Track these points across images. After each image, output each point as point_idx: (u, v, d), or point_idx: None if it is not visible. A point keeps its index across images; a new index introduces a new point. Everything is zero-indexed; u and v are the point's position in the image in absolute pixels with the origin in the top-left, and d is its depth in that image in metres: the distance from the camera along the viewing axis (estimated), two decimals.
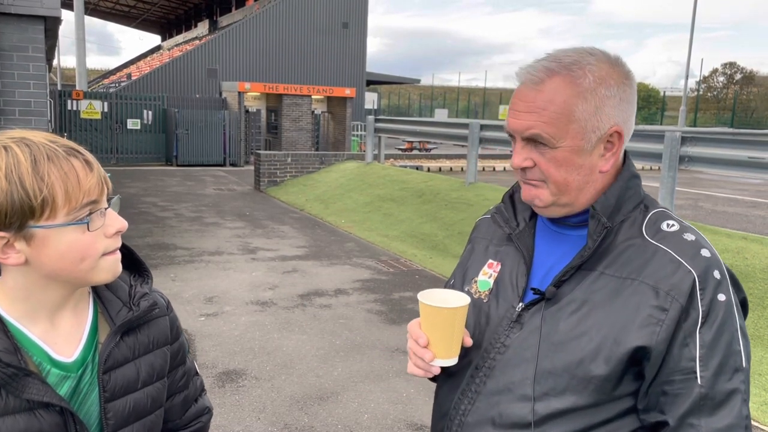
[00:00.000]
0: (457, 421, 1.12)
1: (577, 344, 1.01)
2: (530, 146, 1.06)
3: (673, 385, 0.98)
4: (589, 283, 1.04)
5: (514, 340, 1.08)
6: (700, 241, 1.04)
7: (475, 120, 11.02)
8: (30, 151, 0.91)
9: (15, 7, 5.61)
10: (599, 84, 1.03)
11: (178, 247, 7.58)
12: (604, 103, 1.03)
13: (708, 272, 1.00)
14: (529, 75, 1.05)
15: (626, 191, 1.09)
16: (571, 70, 1.03)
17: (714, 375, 0.97)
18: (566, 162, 1.04)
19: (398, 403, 3.81)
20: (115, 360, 1.02)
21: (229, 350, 4.50)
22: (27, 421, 0.91)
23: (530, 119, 1.03)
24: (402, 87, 53.85)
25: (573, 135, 1.03)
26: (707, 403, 0.97)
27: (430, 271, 6.87)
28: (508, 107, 1.10)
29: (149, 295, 1.09)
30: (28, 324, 0.96)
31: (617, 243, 1.06)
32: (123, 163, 17.66)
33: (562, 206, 1.09)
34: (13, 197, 0.88)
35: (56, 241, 0.92)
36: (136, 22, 58.47)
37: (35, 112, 5.85)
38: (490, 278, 1.17)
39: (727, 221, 10.78)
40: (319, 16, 31.04)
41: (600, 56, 1.06)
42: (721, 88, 72.10)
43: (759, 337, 4.60)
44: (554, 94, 1.02)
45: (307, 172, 13.29)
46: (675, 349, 0.98)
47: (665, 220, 1.08)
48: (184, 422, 1.22)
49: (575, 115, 1.02)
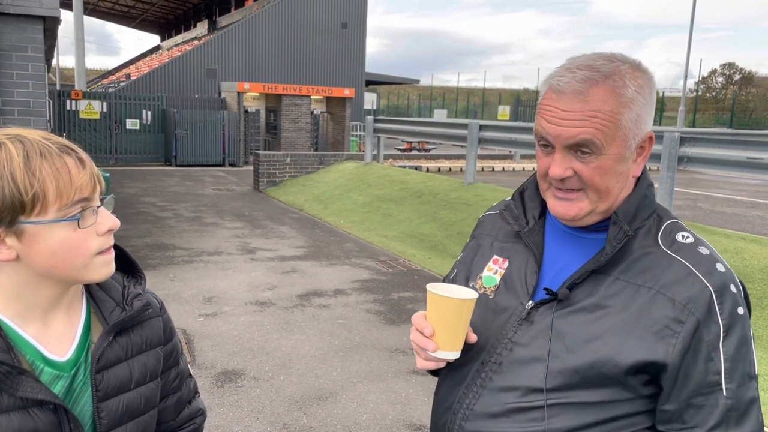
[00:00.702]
0: (461, 415, 1.12)
1: (590, 348, 1.02)
2: (571, 155, 1.05)
3: (699, 398, 1.00)
4: (603, 288, 1.05)
5: (522, 337, 1.08)
6: (714, 255, 1.06)
7: (474, 120, 11.02)
8: (23, 147, 0.91)
9: (14, 7, 5.60)
10: (638, 93, 1.04)
11: (177, 247, 7.58)
12: (643, 111, 1.06)
13: (725, 287, 1.02)
14: (569, 84, 1.03)
15: (644, 199, 1.11)
16: (613, 80, 1.03)
17: (738, 386, 1.00)
18: (610, 170, 1.05)
19: (397, 404, 3.81)
20: (108, 359, 1.03)
21: (228, 350, 4.50)
22: (21, 419, 0.91)
23: (580, 125, 1.02)
24: (401, 87, 53.85)
25: (619, 143, 1.04)
26: (733, 414, 0.99)
27: (429, 272, 6.87)
28: (541, 114, 1.07)
29: (142, 296, 1.09)
30: (21, 323, 0.96)
31: (633, 250, 1.07)
32: (122, 164, 17.65)
33: (599, 214, 1.09)
34: (4, 192, 0.89)
35: (47, 238, 0.92)
36: (135, 22, 58.44)
37: (34, 112, 5.84)
38: (495, 274, 1.17)
39: (725, 222, 10.79)
40: (318, 17, 31.03)
41: (631, 64, 1.06)
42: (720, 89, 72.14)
43: (758, 338, 4.62)
44: (602, 103, 1.02)
45: (306, 173, 13.29)
46: (700, 365, 0.99)
47: (680, 231, 1.10)
48: (178, 424, 1.22)
49: (622, 123, 1.03)
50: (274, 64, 30.31)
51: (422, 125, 12.50)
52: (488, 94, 54.14)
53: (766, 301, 4.97)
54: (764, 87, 65.70)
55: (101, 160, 17.22)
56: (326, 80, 30.31)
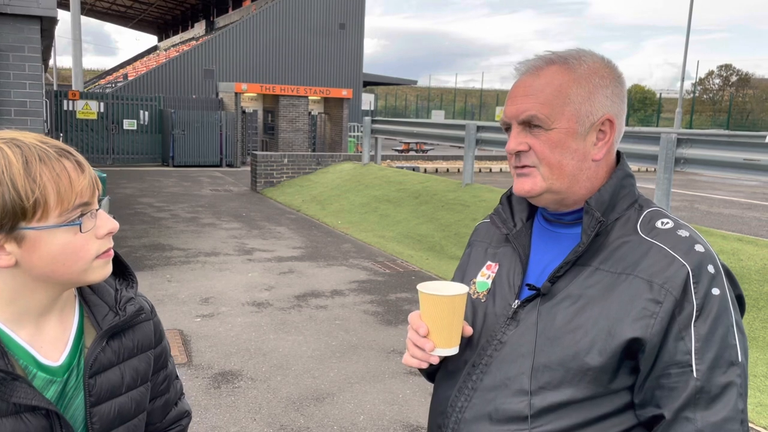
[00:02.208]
0: (454, 418, 1.12)
1: (572, 338, 1.03)
2: (526, 130, 1.09)
3: (669, 378, 0.99)
4: (584, 278, 1.06)
5: (510, 336, 1.09)
6: (694, 237, 1.05)
7: (472, 121, 11.03)
8: (21, 152, 0.90)
9: (11, 7, 5.59)
10: (593, 73, 1.09)
11: (174, 247, 7.57)
12: (597, 90, 1.08)
13: (702, 266, 1.01)
14: (527, 65, 1.11)
15: (620, 189, 1.11)
16: (567, 60, 1.09)
17: (709, 368, 0.97)
18: (560, 144, 1.07)
19: (394, 404, 3.81)
20: (101, 364, 1.02)
21: (225, 351, 4.50)
22: (13, 424, 0.91)
23: (527, 102, 1.08)
24: (399, 88, 53.91)
25: (568, 117, 1.07)
26: (703, 396, 0.97)
27: (426, 272, 6.87)
28: (506, 100, 1.15)
29: (135, 300, 1.09)
30: (15, 327, 0.96)
31: (612, 240, 1.08)
32: (119, 164, 17.64)
33: (554, 193, 1.10)
34: (4, 198, 0.88)
35: (48, 243, 0.92)
36: (133, 23, 58.39)
37: (31, 113, 5.83)
38: (488, 279, 1.19)
39: (722, 223, 10.81)
40: (316, 17, 31.04)
41: (594, 54, 1.13)
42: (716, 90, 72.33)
43: (754, 339, 4.62)
44: (551, 78, 1.08)
45: (303, 173, 13.29)
46: (670, 343, 0.98)
47: (660, 218, 1.09)
48: (165, 425, 1.22)
49: (570, 98, 1.07)
50: (272, 64, 30.31)
51: (420, 126, 12.51)
52: (486, 96, 54.21)
53: (763, 302, 4.98)
54: (761, 89, 65.88)
55: (98, 161, 17.20)
56: (324, 81, 30.32)
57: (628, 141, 7.56)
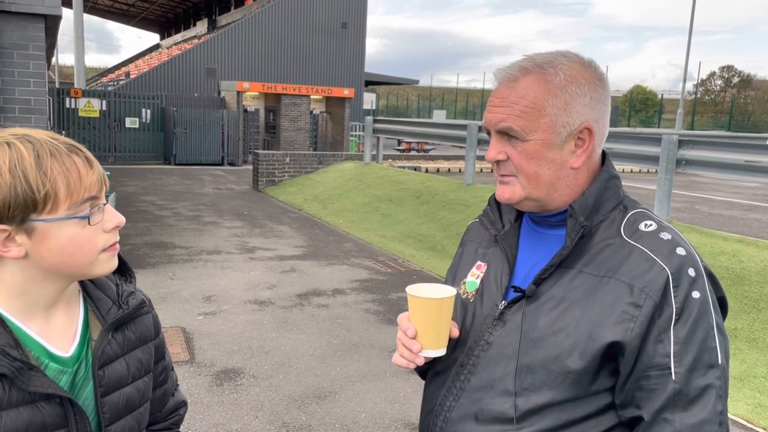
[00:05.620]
0: (442, 417, 1.14)
1: (554, 340, 1.04)
2: (504, 140, 1.10)
3: (649, 380, 1.00)
4: (567, 281, 1.07)
5: (497, 337, 1.11)
6: (676, 240, 1.06)
7: (473, 121, 11.04)
8: (33, 147, 0.94)
9: (16, 5, 5.62)
10: (569, 82, 1.07)
11: (176, 246, 7.59)
12: (574, 99, 1.07)
13: (682, 270, 1.02)
14: (504, 74, 1.10)
15: (605, 192, 1.12)
16: (543, 69, 1.08)
17: (688, 371, 0.99)
18: (537, 155, 1.07)
19: (395, 403, 3.83)
20: (108, 356, 1.06)
21: (227, 349, 4.52)
22: (30, 413, 0.94)
23: (503, 113, 1.08)
24: (400, 88, 53.88)
25: (543, 129, 1.07)
26: (681, 398, 0.98)
27: (427, 272, 6.89)
28: (487, 105, 1.15)
29: (135, 294, 1.14)
30: (25, 320, 0.99)
31: (595, 242, 1.09)
32: (121, 162, 17.66)
33: (534, 201, 1.11)
34: (16, 191, 0.91)
35: (57, 235, 0.95)
36: (135, 21, 58.40)
37: (35, 110, 5.85)
38: (477, 279, 1.20)
39: (723, 224, 10.81)
40: (318, 16, 31.03)
41: (573, 58, 1.11)
42: (718, 92, 72.29)
43: (754, 340, 4.63)
44: (527, 89, 1.07)
45: (305, 172, 13.31)
46: (650, 345, 1.00)
47: (644, 220, 1.10)
48: (164, 415, 1.27)
49: (546, 110, 1.06)
50: (274, 63, 30.31)
51: (421, 126, 12.52)
52: (487, 96, 53.72)
53: (763, 303, 4.99)
54: (763, 90, 65.81)
55: (100, 159, 17.21)
56: (326, 80, 30.31)
57: (629, 142, 7.58)
